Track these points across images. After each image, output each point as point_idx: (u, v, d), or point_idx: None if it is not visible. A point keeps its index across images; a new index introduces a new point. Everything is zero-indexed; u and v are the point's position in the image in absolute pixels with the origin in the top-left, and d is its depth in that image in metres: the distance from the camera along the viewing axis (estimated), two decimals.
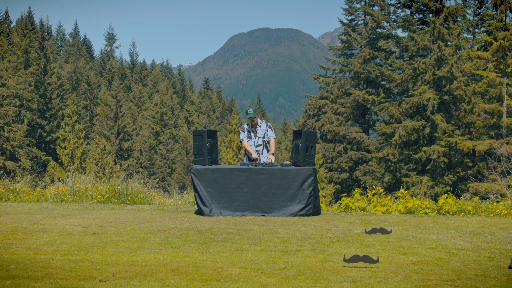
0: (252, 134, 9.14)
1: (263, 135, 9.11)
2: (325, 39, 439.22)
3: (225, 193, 8.34)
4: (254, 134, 9.13)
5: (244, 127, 9.24)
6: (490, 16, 31.24)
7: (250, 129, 9.15)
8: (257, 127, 9.11)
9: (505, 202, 9.50)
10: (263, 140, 9.13)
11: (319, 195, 8.67)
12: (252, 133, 9.14)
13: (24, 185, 12.41)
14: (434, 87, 32.13)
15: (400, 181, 31.52)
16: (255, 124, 9.09)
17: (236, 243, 5.71)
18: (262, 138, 9.12)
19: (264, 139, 9.12)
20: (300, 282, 3.99)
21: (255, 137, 9.12)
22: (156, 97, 62.58)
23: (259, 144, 9.12)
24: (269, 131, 9.13)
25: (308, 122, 36.76)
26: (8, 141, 41.80)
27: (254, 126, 9.12)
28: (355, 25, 37.44)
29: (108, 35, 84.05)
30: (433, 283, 4.00)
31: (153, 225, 7.12)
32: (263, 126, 9.13)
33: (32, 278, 3.99)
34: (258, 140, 9.12)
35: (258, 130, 9.11)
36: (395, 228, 6.83)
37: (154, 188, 13.79)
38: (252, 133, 9.14)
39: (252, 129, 9.13)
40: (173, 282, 3.96)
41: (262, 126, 9.14)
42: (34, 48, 50.36)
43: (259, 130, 9.11)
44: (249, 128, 9.16)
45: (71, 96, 57.38)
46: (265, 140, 9.13)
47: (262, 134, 9.11)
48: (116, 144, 48.90)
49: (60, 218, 7.85)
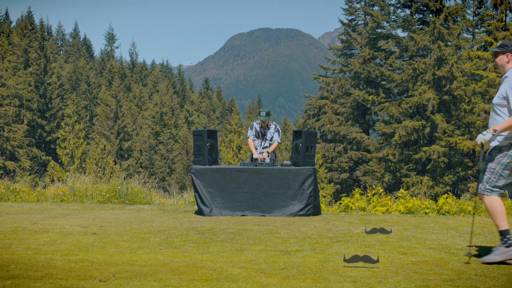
0: (260, 135, 9.18)
1: (271, 138, 9.15)
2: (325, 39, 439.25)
3: (225, 193, 8.34)
4: (263, 136, 9.16)
5: (254, 125, 9.27)
6: (490, 16, 31.24)
7: (259, 130, 9.17)
8: (266, 130, 9.14)
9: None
10: (270, 143, 9.17)
11: (319, 195, 8.67)
12: (261, 133, 9.17)
13: (24, 185, 12.41)
14: (434, 87, 32.13)
15: (400, 181, 31.52)
16: (266, 126, 9.11)
17: (236, 243, 5.71)
18: (269, 141, 9.16)
19: (270, 142, 9.17)
20: (300, 282, 3.99)
21: (263, 139, 9.15)
22: (156, 97, 62.58)
23: (265, 147, 9.16)
24: (275, 134, 9.17)
25: (308, 122, 36.77)
26: (8, 141, 41.81)
27: (264, 127, 9.14)
28: (355, 25, 37.45)
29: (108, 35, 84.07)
30: (433, 283, 4.00)
31: (153, 225, 7.12)
32: (272, 129, 9.18)
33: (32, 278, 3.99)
34: (265, 143, 9.15)
35: (267, 133, 9.15)
36: (395, 228, 6.83)
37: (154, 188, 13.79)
38: (261, 133, 9.17)
39: (261, 130, 9.16)
40: (173, 282, 3.96)
41: (271, 129, 9.18)
42: (34, 48, 50.35)
43: (268, 133, 9.15)
44: (258, 128, 9.18)
45: (71, 96, 57.39)
46: (271, 143, 9.18)
47: (270, 137, 9.16)
48: (116, 144, 48.91)
49: (60, 218, 7.85)
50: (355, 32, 36.85)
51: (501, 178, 4.79)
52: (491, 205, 4.79)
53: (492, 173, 4.80)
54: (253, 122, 9.38)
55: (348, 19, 37.47)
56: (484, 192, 4.83)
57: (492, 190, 4.80)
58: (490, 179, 4.81)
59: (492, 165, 4.80)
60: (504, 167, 4.77)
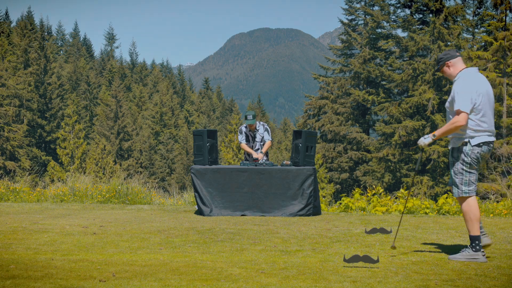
0: (251, 138, 9.16)
1: (261, 139, 9.13)
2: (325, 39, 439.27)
3: (225, 193, 8.34)
4: (252, 138, 9.15)
5: (242, 129, 9.26)
6: (490, 16, 31.23)
7: (248, 133, 9.17)
8: (255, 131, 9.13)
9: (505, 202, 9.50)
10: (260, 144, 9.15)
11: (319, 195, 8.67)
12: (250, 136, 9.16)
13: (24, 185, 12.41)
14: (434, 87, 32.13)
15: (400, 181, 31.53)
16: (254, 128, 9.11)
17: (236, 243, 5.71)
18: (260, 142, 9.14)
19: (261, 143, 9.15)
20: (300, 282, 3.99)
21: (253, 142, 9.14)
22: (156, 97, 62.57)
23: (257, 149, 9.15)
24: (265, 134, 9.15)
25: (308, 122, 36.77)
26: (8, 141, 41.80)
27: (253, 131, 9.13)
28: (355, 25, 37.45)
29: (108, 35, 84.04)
30: (433, 283, 4.00)
31: (153, 225, 7.12)
32: (261, 130, 9.15)
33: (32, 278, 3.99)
34: (256, 145, 9.15)
35: (256, 135, 9.13)
36: (395, 228, 6.83)
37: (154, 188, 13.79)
38: (250, 136, 9.16)
39: (250, 133, 9.15)
40: (173, 282, 3.96)
41: (260, 130, 9.15)
42: (34, 48, 50.33)
43: (257, 135, 9.14)
44: (247, 131, 9.18)
45: (71, 96, 57.38)
46: (262, 144, 9.16)
47: (260, 138, 9.13)
48: (116, 144, 48.90)
49: (60, 218, 7.85)
50: (355, 32, 36.85)
51: (471, 174, 4.95)
52: (467, 210, 4.94)
53: (462, 173, 4.96)
54: (241, 126, 9.36)
55: (348, 19, 37.49)
56: (462, 195, 4.96)
57: (468, 192, 4.95)
58: (463, 180, 4.96)
59: (458, 166, 4.97)
60: (469, 164, 4.94)
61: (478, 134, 4.92)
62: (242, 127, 9.30)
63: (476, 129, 4.91)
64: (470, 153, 4.92)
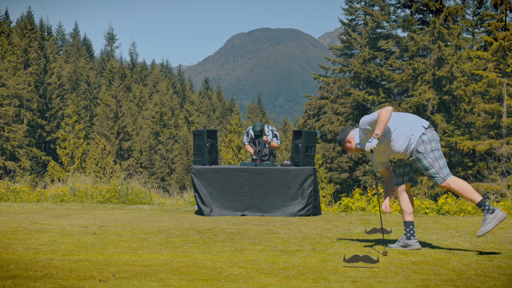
0: (257, 142, 9.06)
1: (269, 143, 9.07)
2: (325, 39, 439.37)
3: (225, 193, 8.34)
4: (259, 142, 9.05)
5: (250, 132, 9.17)
6: (490, 16, 31.25)
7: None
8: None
9: (505, 202, 9.50)
10: (269, 149, 9.11)
11: (319, 195, 8.67)
12: (257, 141, 9.07)
13: (24, 185, 12.41)
14: (434, 87, 32.13)
15: None
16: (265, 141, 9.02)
17: (236, 243, 5.71)
18: (269, 148, 9.09)
19: (270, 148, 9.10)
20: (300, 282, 3.99)
21: (261, 147, 9.05)
22: (156, 97, 62.58)
23: (266, 154, 9.10)
24: (274, 140, 9.08)
25: (308, 122, 36.78)
26: (8, 141, 41.80)
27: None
28: (355, 25, 37.46)
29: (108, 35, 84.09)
30: (433, 283, 4.00)
31: (153, 225, 7.12)
32: (269, 136, 9.06)
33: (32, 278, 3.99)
34: (265, 151, 9.09)
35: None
36: (395, 228, 6.83)
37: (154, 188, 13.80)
38: (257, 141, 9.07)
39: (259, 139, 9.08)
40: (173, 282, 3.96)
41: (268, 136, 9.05)
42: (34, 48, 50.32)
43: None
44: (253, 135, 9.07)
45: (71, 96, 57.39)
46: (271, 149, 9.11)
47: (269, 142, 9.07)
48: (116, 144, 48.90)
49: (60, 218, 7.85)
50: (355, 32, 36.86)
51: (441, 159, 5.10)
52: (458, 186, 5.03)
53: (437, 159, 5.09)
54: (249, 128, 9.31)
55: (348, 19, 37.49)
56: (445, 179, 5.06)
57: (448, 174, 5.08)
58: (439, 167, 5.08)
59: (428, 158, 5.09)
60: (434, 151, 5.09)
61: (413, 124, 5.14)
62: (250, 129, 9.23)
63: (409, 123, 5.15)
64: (430, 136, 5.10)
